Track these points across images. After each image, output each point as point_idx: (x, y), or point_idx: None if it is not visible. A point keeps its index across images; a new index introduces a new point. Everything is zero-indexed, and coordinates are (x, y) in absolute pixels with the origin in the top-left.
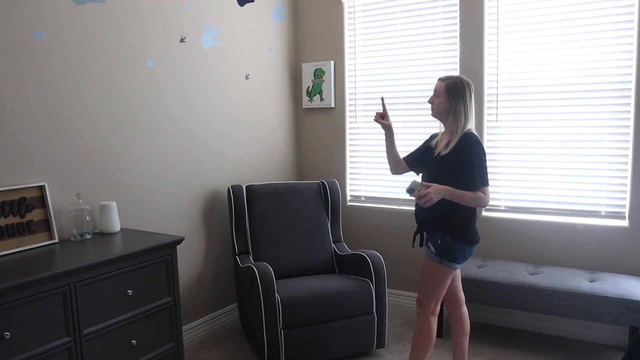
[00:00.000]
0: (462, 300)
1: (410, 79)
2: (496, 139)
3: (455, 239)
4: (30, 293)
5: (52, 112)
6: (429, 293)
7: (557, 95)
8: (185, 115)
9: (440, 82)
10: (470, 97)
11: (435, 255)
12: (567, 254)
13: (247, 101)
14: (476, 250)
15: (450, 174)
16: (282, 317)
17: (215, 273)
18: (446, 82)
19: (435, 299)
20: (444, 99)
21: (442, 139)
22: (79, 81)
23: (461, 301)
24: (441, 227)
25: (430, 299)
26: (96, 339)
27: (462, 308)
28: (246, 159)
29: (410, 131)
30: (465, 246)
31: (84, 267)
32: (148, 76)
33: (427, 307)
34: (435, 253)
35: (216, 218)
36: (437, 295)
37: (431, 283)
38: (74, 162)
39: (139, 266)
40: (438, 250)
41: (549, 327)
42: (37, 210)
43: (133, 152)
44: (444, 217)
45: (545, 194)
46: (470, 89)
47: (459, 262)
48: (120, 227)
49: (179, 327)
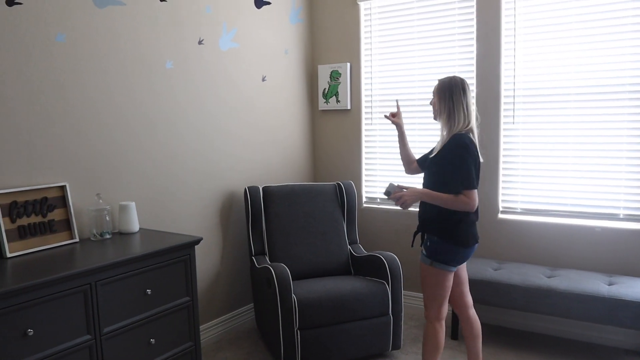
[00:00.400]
0: (470, 304)
1: (426, 81)
2: (513, 141)
3: (443, 240)
4: (52, 291)
5: (73, 114)
6: (429, 297)
7: (575, 96)
8: (202, 117)
9: (437, 83)
10: (461, 96)
11: (427, 257)
12: (584, 257)
13: (264, 103)
14: (492, 252)
15: (437, 176)
16: (298, 317)
17: (231, 273)
18: (439, 83)
19: (437, 303)
20: (436, 100)
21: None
22: (99, 83)
23: (468, 305)
24: (431, 229)
25: (431, 302)
26: (116, 338)
27: (469, 311)
28: (262, 160)
29: (427, 133)
30: (456, 248)
31: (105, 266)
32: (167, 78)
33: (430, 312)
34: (426, 255)
35: (233, 219)
36: (439, 299)
37: (429, 286)
38: (94, 162)
39: (158, 266)
40: (428, 252)
41: (566, 330)
42: (59, 209)
43: (151, 153)
44: (434, 218)
45: (562, 197)
46: (462, 88)
47: (452, 265)
48: (139, 227)
49: (196, 326)
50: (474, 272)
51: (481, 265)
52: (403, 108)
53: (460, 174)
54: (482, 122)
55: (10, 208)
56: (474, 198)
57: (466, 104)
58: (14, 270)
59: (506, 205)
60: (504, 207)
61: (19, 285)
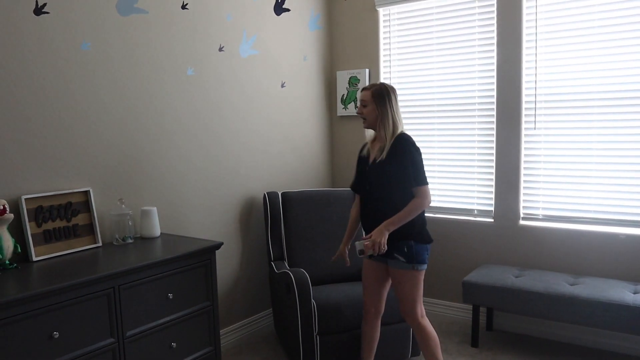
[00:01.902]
0: (381, 312)
1: (446, 87)
2: (534, 147)
3: (418, 242)
4: (77, 295)
5: (96, 121)
6: (411, 301)
7: (598, 101)
8: (222, 123)
9: (365, 91)
10: (396, 101)
11: (406, 263)
12: (608, 264)
13: (283, 109)
14: (513, 259)
15: (390, 177)
16: (317, 322)
17: (250, 278)
18: (371, 90)
19: (419, 302)
20: (372, 107)
21: (374, 146)
22: (122, 90)
23: (380, 312)
24: (404, 236)
25: (414, 304)
26: (138, 341)
27: (378, 320)
28: (281, 166)
29: (446, 139)
30: (427, 245)
31: (127, 270)
32: (188, 85)
33: (416, 313)
34: (405, 261)
35: (252, 224)
36: (419, 299)
37: (410, 291)
38: (116, 168)
39: (179, 270)
40: (407, 257)
41: (589, 339)
42: (82, 214)
43: (172, 159)
44: (405, 226)
45: (585, 203)
46: (394, 94)
47: (427, 262)
48: (160, 231)
49: (216, 331)
50: (495, 279)
51: (502, 273)
52: (422, 114)
53: (416, 170)
54: (502, 128)
55: (36, 213)
56: (429, 192)
57: (399, 108)
58: (39, 273)
59: (527, 211)
60: (525, 214)
61: (45, 289)
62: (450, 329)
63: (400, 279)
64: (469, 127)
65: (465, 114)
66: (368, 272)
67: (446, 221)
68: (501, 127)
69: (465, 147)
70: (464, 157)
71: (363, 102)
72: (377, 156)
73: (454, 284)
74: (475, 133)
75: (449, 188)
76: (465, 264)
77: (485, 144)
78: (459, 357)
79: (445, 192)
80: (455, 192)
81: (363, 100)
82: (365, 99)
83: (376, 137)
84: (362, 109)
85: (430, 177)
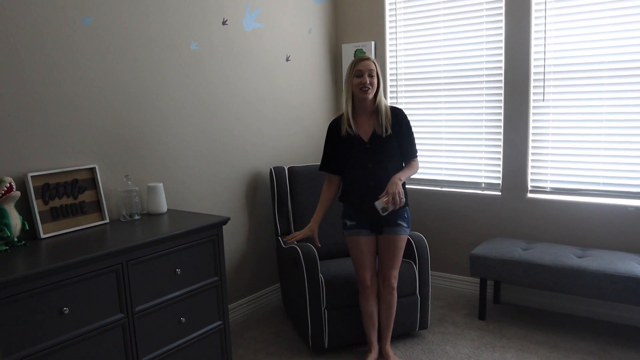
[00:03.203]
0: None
1: (453, 58)
2: (542, 119)
3: (407, 207)
4: (85, 271)
5: (101, 98)
6: (399, 265)
7: (608, 72)
8: (227, 98)
9: (369, 61)
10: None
11: (408, 228)
12: (616, 237)
13: (288, 83)
14: (521, 232)
15: (396, 150)
16: (325, 297)
17: (257, 253)
18: (373, 60)
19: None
20: (377, 78)
21: (360, 122)
22: (125, 66)
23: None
24: (406, 203)
25: (398, 269)
26: (147, 316)
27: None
28: (287, 140)
29: (453, 111)
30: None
31: (135, 246)
32: (192, 59)
33: (396, 279)
34: (407, 227)
35: (258, 199)
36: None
37: (401, 256)
38: (122, 145)
39: (187, 246)
40: (408, 223)
41: (597, 311)
42: (89, 191)
43: (178, 135)
44: (405, 192)
45: (594, 175)
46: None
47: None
48: (167, 207)
49: (225, 305)
50: (502, 252)
51: (509, 246)
52: (430, 86)
53: (414, 141)
54: (510, 99)
55: (43, 190)
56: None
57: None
58: (48, 250)
59: (535, 184)
60: (533, 187)
61: (54, 265)
62: (457, 302)
63: (401, 244)
64: (477, 99)
65: (472, 85)
66: (363, 247)
67: (453, 194)
68: (509, 99)
69: (473, 120)
70: (472, 129)
71: (371, 72)
72: (378, 131)
73: (461, 257)
74: (482, 105)
75: (456, 161)
76: (473, 238)
77: (492, 116)
78: (467, 329)
79: (452, 165)
80: (463, 165)
81: (371, 70)
82: (372, 69)
83: (359, 111)
84: (371, 79)
85: (437, 151)
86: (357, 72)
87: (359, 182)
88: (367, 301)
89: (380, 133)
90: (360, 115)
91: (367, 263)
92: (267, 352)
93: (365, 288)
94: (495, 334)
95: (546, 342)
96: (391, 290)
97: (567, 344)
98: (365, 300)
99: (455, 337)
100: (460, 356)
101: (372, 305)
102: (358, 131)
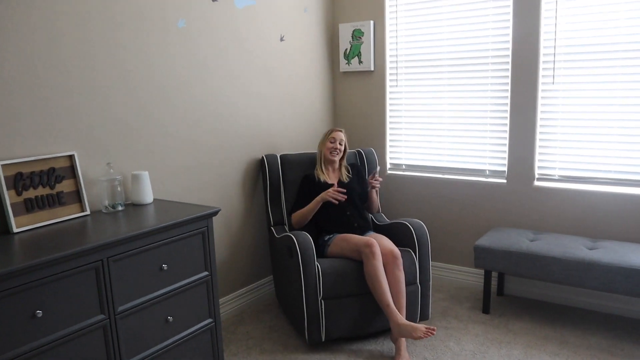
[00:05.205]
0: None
1: (457, 39)
2: (552, 103)
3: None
4: (62, 269)
5: (79, 79)
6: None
7: (624, 53)
8: (217, 80)
9: (339, 132)
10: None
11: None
12: (629, 227)
13: (282, 64)
14: (527, 222)
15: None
16: (322, 287)
17: (249, 245)
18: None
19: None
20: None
21: (332, 173)
22: (108, 44)
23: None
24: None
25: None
26: (131, 316)
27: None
28: (280, 126)
29: (457, 94)
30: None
31: (117, 240)
32: (179, 37)
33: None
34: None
35: (249, 188)
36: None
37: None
38: (103, 129)
39: (174, 239)
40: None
41: (609, 305)
42: (67, 180)
43: (164, 120)
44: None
45: (605, 163)
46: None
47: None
48: (153, 197)
49: (216, 302)
50: (509, 243)
51: (516, 236)
52: (432, 68)
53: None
54: (518, 82)
55: (16, 180)
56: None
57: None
58: (21, 246)
59: (543, 172)
60: (540, 174)
61: (26, 264)
62: (459, 294)
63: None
64: (482, 81)
65: (477, 67)
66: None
67: (456, 182)
68: (516, 82)
69: (477, 104)
70: (476, 113)
71: (341, 141)
72: (343, 179)
73: (463, 247)
74: (488, 89)
75: (460, 147)
76: (476, 227)
77: (498, 100)
78: (470, 324)
79: (455, 151)
80: (466, 152)
81: (341, 139)
82: (342, 138)
83: (329, 167)
84: (341, 146)
85: (439, 136)
86: (330, 139)
87: (337, 214)
88: (378, 262)
89: (346, 180)
90: (335, 170)
91: (362, 236)
92: (261, 348)
93: (372, 246)
94: (501, 329)
95: (554, 337)
96: (398, 262)
97: (577, 339)
98: (376, 261)
99: (459, 332)
100: (465, 353)
101: (380, 265)
102: (326, 179)
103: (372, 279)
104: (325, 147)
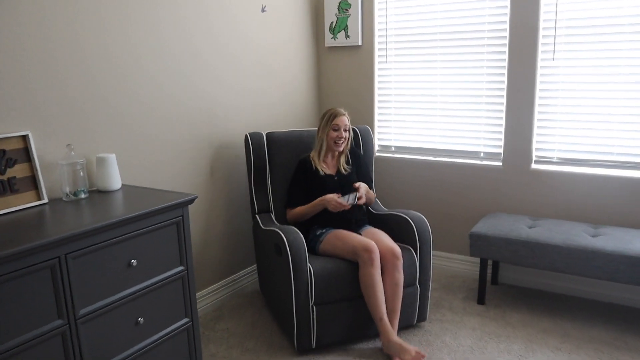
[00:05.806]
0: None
1: (450, 12)
2: (551, 80)
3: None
4: (9, 269)
5: (35, 50)
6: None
7: (629, 27)
8: (192, 54)
9: (344, 116)
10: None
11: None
12: (631, 212)
13: (263, 37)
14: (525, 207)
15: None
16: (314, 292)
17: (229, 233)
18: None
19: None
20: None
21: (330, 162)
22: (67, 12)
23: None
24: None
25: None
26: (95, 320)
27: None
28: (263, 103)
29: (450, 71)
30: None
31: (77, 234)
32: (148, 6)
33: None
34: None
35: (230, 171)
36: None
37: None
38: (63, 107)
39: (145, 231)
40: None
41: (611, 294)
42: (21, 165)
43: (133, 95)
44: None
45: (607, 144)
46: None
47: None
48: (121, 183)
49: (192, 299)
50: (507, 230)
51: (513, 222)
52: (424, 43)
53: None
54: (515, 59)
55: None
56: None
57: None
58: None
59: (541, 154)
60: (538, 156)
61: None
62: (452, 283)
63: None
64: (477, 57)
65: (472, 43)
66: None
67: (448, 165)
68: (514, 58)
69: (472, 81)
70: (470, 92)
71: (346, 127)
72: (342, 170)
73: (456, 234)
74: (483, 65)
75: (452, 128)
76: (470, 213)
77: (494, 77)
78: (466, 316)
79: (447, 132)
80: (459, 133)
81: (346, 125)
82: (347, 124)
83: (329, 154)
84: (346, 133)
85: (431, 116)
86: (334, 126)
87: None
88: (376, 271)
89: (343, 171)
90: (334, 158)
91: (360, 236)
92: (244, 347)
93: (371, 252)
94: (498, 321)
95: (555, 330)
96: (398, 264)
97: (578, 332)
98: (374, 269)
99: (455, 325)
100: (462, 349)
101: (377, 272)
102: (323, 169)
103: (368, 289)
104: (328, 135)
